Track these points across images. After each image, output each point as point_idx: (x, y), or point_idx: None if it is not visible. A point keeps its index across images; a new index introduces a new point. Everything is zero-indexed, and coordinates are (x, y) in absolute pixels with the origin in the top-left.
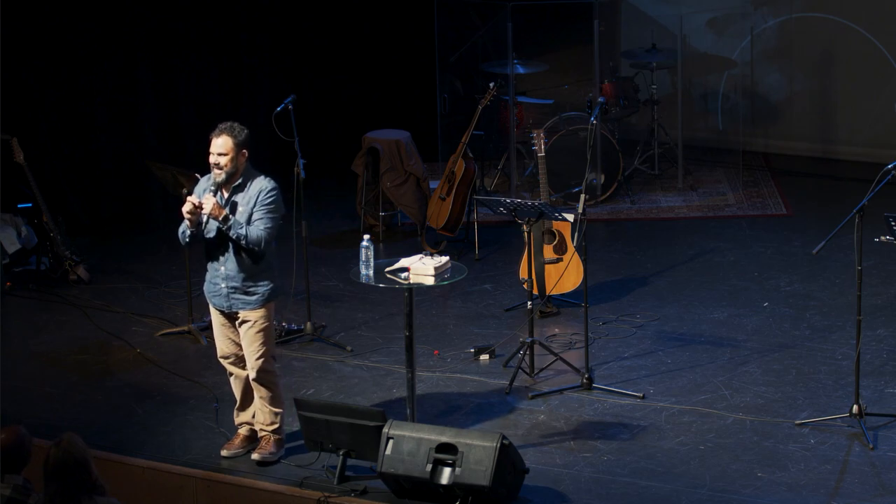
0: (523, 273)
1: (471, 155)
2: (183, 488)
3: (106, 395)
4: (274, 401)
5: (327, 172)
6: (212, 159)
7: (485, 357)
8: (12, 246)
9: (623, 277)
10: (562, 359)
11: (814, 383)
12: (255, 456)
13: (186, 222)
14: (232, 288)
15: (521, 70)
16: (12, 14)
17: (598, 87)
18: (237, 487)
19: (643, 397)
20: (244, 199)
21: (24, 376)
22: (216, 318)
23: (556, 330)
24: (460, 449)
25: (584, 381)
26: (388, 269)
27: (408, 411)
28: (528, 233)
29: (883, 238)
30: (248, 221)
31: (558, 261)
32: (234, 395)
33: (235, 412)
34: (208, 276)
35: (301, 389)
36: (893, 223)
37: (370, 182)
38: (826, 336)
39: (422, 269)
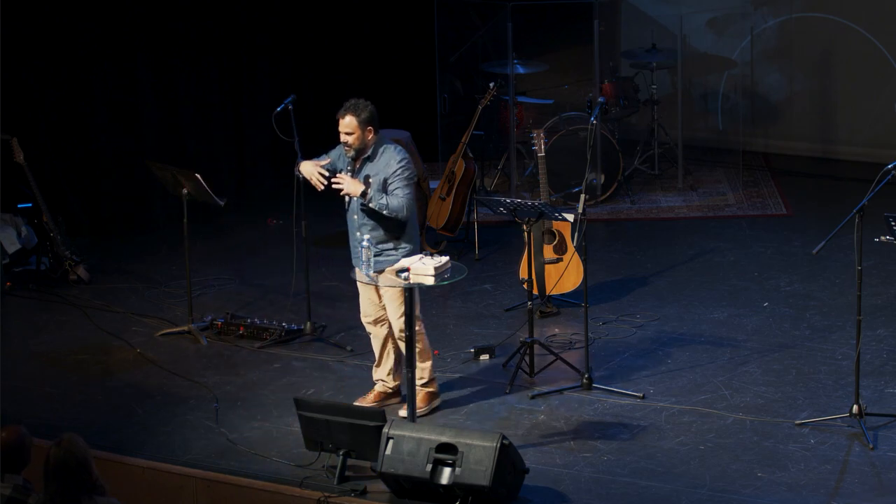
0: (523, 273)
1: (471, 155)
2: (183, 488)
3: (106, 395)
4: (422, 356)
5: None
6: (342, 137)
7: (485, 357)
8: (12, 246)
9: (623, 277)
10: (562, 359)
11: (814, 383)
12: (402, 412)
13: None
14: (374, 251)
15: (521, 70)
16: (12, 14)
17: (598, 87)
18: (237, 487)
19: (643, 397)
20: (374, 170)
21: (24, 376)
22: (358, 279)
23: (556, 330)
24: (460, 449)
25: (584, 381)
26: (388, 269)
27: (408, 411)
28: (528, 233)
29: (883, 238)
30: (385, 190)
31: (558, 261)
32: (372, 354)
33: (373, 369)
34: (350, 241)
35: (301, 389)
36: (893, 223)
37: None
38: (826, 336)
39: (422, 269)
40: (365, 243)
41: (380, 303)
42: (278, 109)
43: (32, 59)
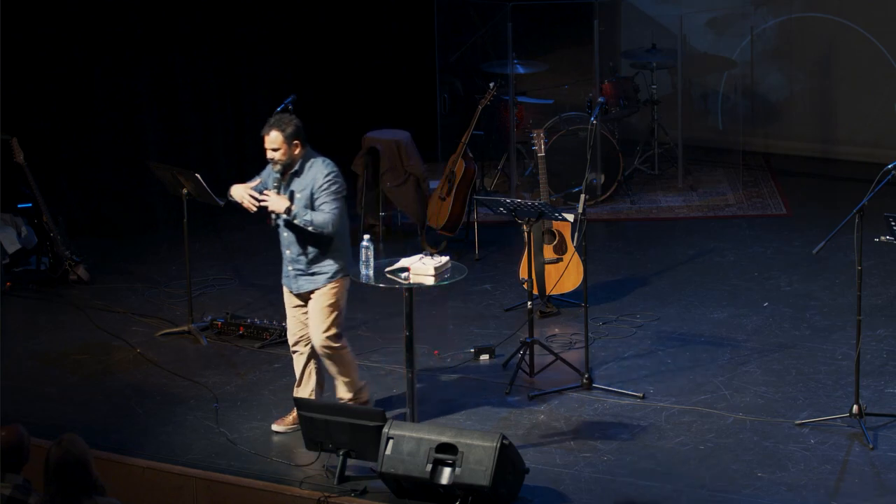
0: (523, 273)
1: (471, 155)
2: (183, 488)
3: (106, 395)
4: (346, 371)
5: None
6: (268, 154)
7: (485, 357)
8: (12, 246)
9: (623, 277)
10: (562, 359)
11: (814, 383)
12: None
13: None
14: (298, 270)
15: (521, 70)
16: (12, 14)
17: (598, 87)
18: (237, 487)
19: (643, 397)
20: (300, 186)
21: (24, 376)
22: (287, 296)
23: (556, 330)
24: (460, 449)
25: (584, 381)
26: (388, 269)
27: (408, 411)
28: (528, 233)
29: (883, 238)
30: (312, 206)
31: (558, 261)
32: (294, 374)
33: (294, 389)
34: (283, 259)
35: None
36: (893, 223)
37: (370, 182)
38: (826, 336)
39: (422, 269)
40: (365, 243)
41: (303, 319)
42: (278, 109)
43: (32, 59)
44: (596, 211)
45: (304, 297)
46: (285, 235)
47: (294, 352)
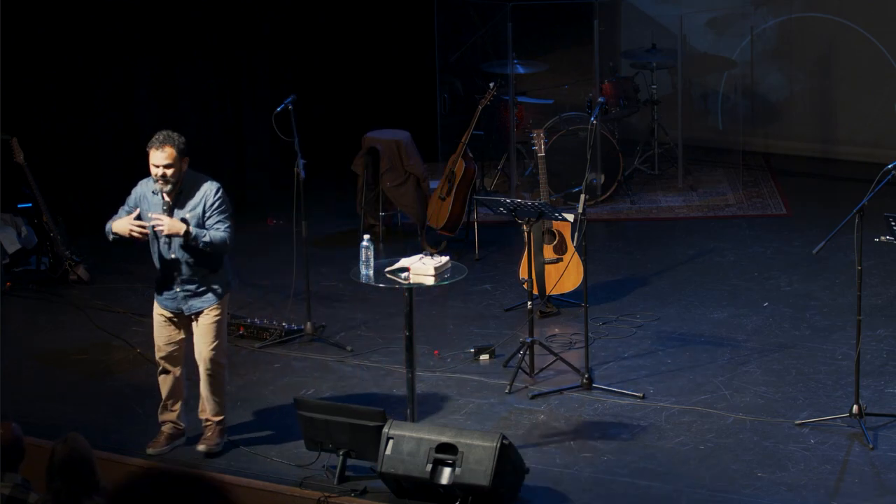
0: (523, 273)
1: (471, 155)
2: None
3: (106, 395)
4: (220, 391)
5: (327, 172)
6: (157, 172)
7: (485, 357)
8: (12, 246)
9: (623, 277)
10: (562, 359)
11: (814, 383)
12: (201, 447)
13: (113, 228)
14: (188, 292)
15: (521, 70)
16: (12, 14)
17: (598, 87)
18: (237, 487)
19: (643, 397)
20: (190, 206)
21: (24, 376)
22: (160, 317)
23: (556, 330)
24: (460, 449)
25: (584, 381)
26: (388, 269)
27: (408, 411)
28: (528, 233)
29: (883, 238)
30: (202, 226)
31: (558, 261)
32: (160, 394)
33: (162, 410)
34: (159, 278)
35: (301, 389)
36: (893, 223)
37: (370, 182)
38: (826, 336)
39: (422, 269)
40: (365, 243)
41: (177, 340)
42: (278, 109)
43: (32, 59)
44: (596, 211)
45: (186, 317)
46: (173, 258)
47: (163, 371)
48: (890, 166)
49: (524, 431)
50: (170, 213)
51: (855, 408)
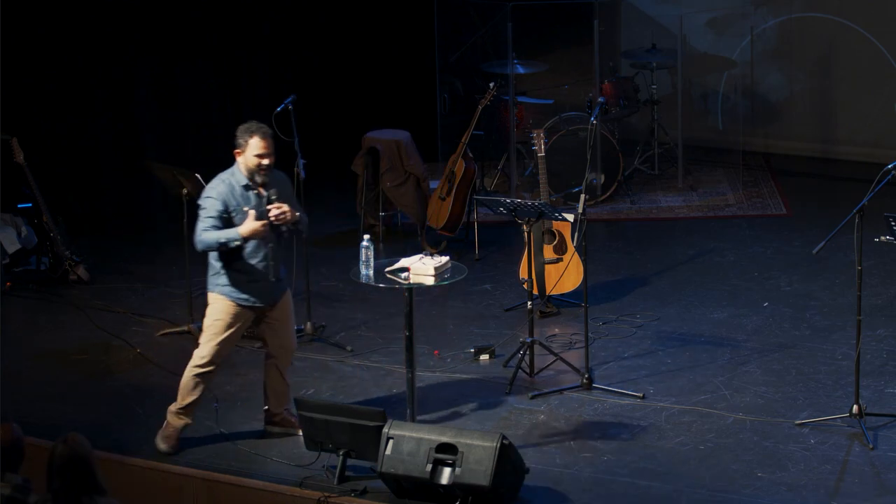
0: (523, 273)
1: (471, 155)
2: (183, 488)
3: (106, 395)
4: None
5: (327, 172)
6: (263, 161)
7: (485, 357)
8: (12, 246)
9: (623, 277)
10: (562, 359)
11: (814, 383)
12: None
13: (242, 233)
14: (275, 279)
15: (521, 70)
16: (12, 14)
17: (598, 87)
18: (237, 487)
19: (643, 397)
20: (278, 190)
21: (24, 376)
22: (241, 318)
23: (556, 330)
24: (460, 449)
25: (584, 381)
26: (388, 269)
27: (408, 411)
28: (528, 233)
29: (883, 238)
30: None
31: (558, 261)
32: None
33: (185, 408)
34: (244, 277)
35: (301, 389)
36: (893, 223)
37: (370, 182)
38: (826, 336)
39: (422, 269)
40: (365, 243)
41: (238, 338)
42: (278, 109)
43: (32, 59)
44: (596, 211)
45: (265, 309)
46: (271, 246)
47: (211, 373)
48: (890, 166)
49: (524, 431)
50: (270, 201)
51: (855, 408)
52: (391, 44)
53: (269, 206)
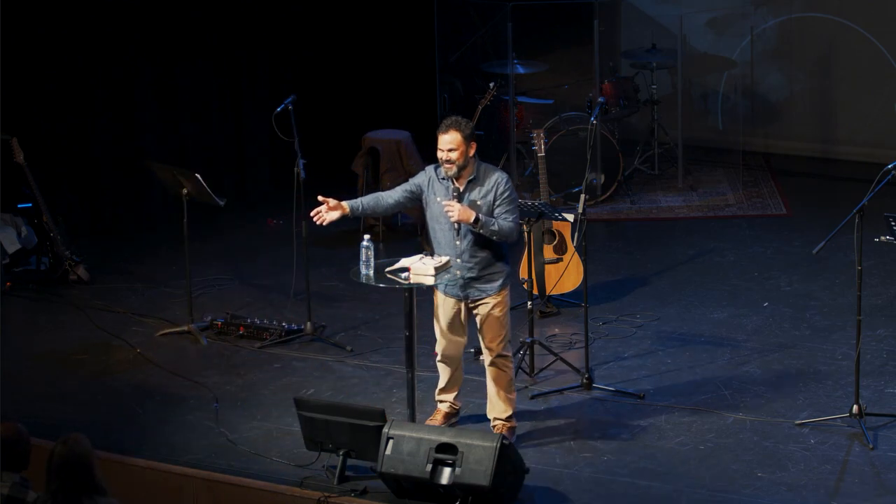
0: (523, 273)
1: None
2: (183, 488)
3: (106, 395)
4: (509, 386)
5: (327, 172)
6: (442, 155)
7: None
8: (12, 246)
9: (623, 277)
10: (562, 359)
11: (814, 383)
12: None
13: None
14: (469, 278)
15: (521, 70)
16: (12, 14)
17: (598, 87)
18: (237, 487)
19: (643, 397)
20: (480, 194)
21: (25, 376)
22: (446, 305)
23: (556, 330)
24: (460, 449)
25: (584, 381)
26: (388, 269)
27: (408, 411)
28: (528, 233)
29: (883, 238)
30: (491, 214)
31: (558, 261)
32: (439, 378)
33: (439, 392)
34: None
35: (301, 389)
36: (893, 223)
37: (370, 182)
38: (826, 336)
39: (422, 269)
40: (365, 242)
41: (459, 327)
42: (278, 109)
43: (32, 59)
44: (596, 211)
45: (468, 305)
46: (457, 244)
47: (444, 357)
48: (890, 166)
49: (524, 431)
50: (459, 198)
51: (855, 408)
52: (391, 44)
53: (441, 201)
